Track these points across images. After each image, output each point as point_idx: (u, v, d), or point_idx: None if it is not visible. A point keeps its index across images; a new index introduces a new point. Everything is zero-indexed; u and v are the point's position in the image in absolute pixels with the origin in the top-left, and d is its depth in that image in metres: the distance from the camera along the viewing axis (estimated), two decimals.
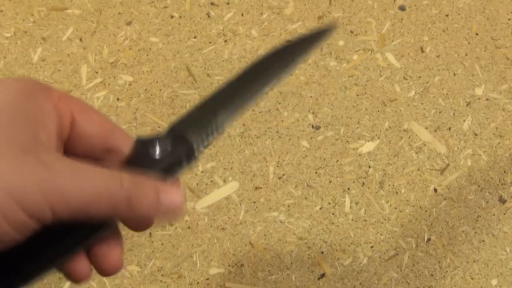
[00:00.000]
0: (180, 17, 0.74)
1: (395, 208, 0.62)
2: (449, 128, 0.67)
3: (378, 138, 0.66)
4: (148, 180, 0.28)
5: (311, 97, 0.68)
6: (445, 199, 0.63)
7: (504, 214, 0.62)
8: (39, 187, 0.24)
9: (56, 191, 0.24)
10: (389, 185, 0.64)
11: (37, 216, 0.24)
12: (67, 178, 0.25)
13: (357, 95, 0.68)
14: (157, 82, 0.69)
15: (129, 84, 0.69)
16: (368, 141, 0.66)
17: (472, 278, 0.59)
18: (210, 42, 0.72)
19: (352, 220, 0.62)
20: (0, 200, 0.23)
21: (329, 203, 0.62)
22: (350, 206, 0.62)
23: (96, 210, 0.26)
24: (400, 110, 0.68)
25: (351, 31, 0.73)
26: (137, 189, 0.27)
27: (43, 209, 0.24)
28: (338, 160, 0.65)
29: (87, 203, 0.25)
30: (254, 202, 0.62)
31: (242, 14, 0.74)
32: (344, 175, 0.64)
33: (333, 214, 0.62)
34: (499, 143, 0.66)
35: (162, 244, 0.61)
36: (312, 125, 0.66)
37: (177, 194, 0.28)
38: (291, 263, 0.60)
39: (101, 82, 0.70)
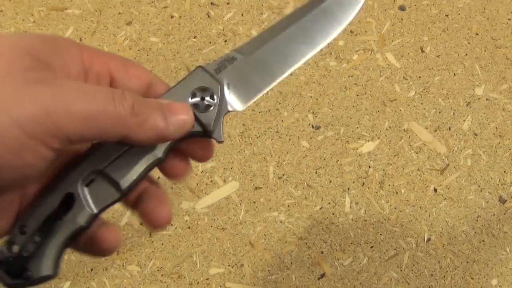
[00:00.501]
0: (180, 17, 0.74)
1: (395, 208, 0.62)
2: (449, 128, 0.67)
3: (378, 138, 0.66)
4: (153, 99, 0.28)
5: (311, 97, 0.68)
6: (445, 199, 0.63)
7: (504, 214, 0.62)
8: (42, 108, 0.23)
9: (60, 110, 0.24)
10: (389, 185, 0.64)
11: (47, 140, 0.24)
12: (70, 96, 0.24)
13: (357, 95, 0.68)
14: None
15: None
16: (368, 141, 0.66)
17: (472, 278, 0.59)
18: (210, 42, 0.72)
19: (352, 220, 0.62)
20: (6, 133, 0.23)
21: (329, 203, 0.62)
22: (350, 206, 0.62)
23: (103, 128, 0.25)
24: (400, 110, 0.68)
25: (351, 31, 0.73)
26: (142, 105, 0.27)
27: (51, 131, 0.24)
28: (338, 160, 0.65)
29: (94, 120, 0.25)
30: (254, 202, 0.62)
31: (242, 14, 0.74)
32: (344, 175, 0.64)
33: (333, 214, 0.62)
34: (499, 143, 0.66)
35: (162, 244, 0.61)
36: (312, 125, 0.66)
37: (182, 110, 0.29)
38: (291, 263, 0.60)
39: None
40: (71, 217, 0.27)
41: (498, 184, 0.64)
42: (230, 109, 0.33)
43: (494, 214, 0.62)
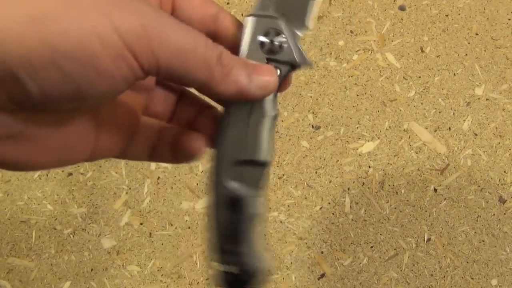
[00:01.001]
0: None
1: (395, 208, 0.62)
2: (449, 128, 0.67)
3: (378, 138, 0.66)
4: (242, 58, 0.29)
5: (311, 97, 0.68)
6: (445, 199, 0.63)
7: (504, 214, 0.62)
8: (142, 24, 0.24)
9: (157, 32, 0.25)
10: (389, 185, 0.63)
11: (139, 57, 0.24)
12: (168, 24, 0.25)
13: (357, 95, 0.68)
14: None
15: None
16: (368, 141, 0.66)
17: (472, 278, 0.59)
18: None
19: (352, 220, 0.62)
20: (107, 39, 0.23)
21: (329, 203, 0.62)
22: (350, 206, 0.62)
23: (189, 67, 0.26)
24: (400, 110, 0.68)
25: (351, 31, 0.73)
26: (229, 57, 0.27)
27: (144, 49, 0.24)
28: (338, 160, 0.65)
29: (183, 55, 0.26)
30: None
31: (242, 14, 0.74)
32: (344, 175, 0.64)
33: (333, 214, 0.62)
34: (499, 143, 0.66)
35: (162, 244, 0.61)
36: (312, 125, 0.66)
37: (267, 71, 0.29)
38: (291, 263, 0.60)
39: None
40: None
41: (498, 184, 0.64)
42: (299, 33, 0.32)
43: (494, 214, 0.62)
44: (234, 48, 0.30)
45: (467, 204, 0.63)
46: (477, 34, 0.73)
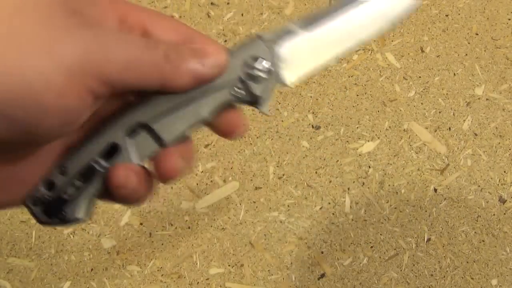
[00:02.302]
0: (180, 17, 0.74)
1: (395, 208, 0.62)
2: (449, 128, 0.67)
3: (378, 138, 0.66)
4: (185, 45, 0.29)
5: (311, 97, 0.68)
6: (445, 199, 0.63)
7: (504, 214, 0.62)
8: (84, 50, 0.24)
9: (102, 53, 0.24)
10: (389, 185, 0.63)
11: (88, 84, 0.24)
12: (110, 41, 0.25)
13: (357, 95, 0.68)
14: None
15: None
16: (368, 141, 0.66)
17: (472, 278, 0.59)
18: None
19: (352, 220, 0.62)
20: (48, 75, 0.23)
21: (329, 203, 0.62)
22: (350, 206, 0.62)
23: (142, 74, 0.26)
24: (400, 110, 0.68)
25: None
26: (175, 51, 0.27)
27: (92, 75, 0.24)
28: (338, 160, 0.65)
29: (132, 66, 0.25)
30: (254, 202, 0.62)
31: (242, 14, 0.74)
32: (344, 175, 0.64)
33: (333, 214, 0.62)
34: (499, 143, 0.66)
35: (162, 244, 0.61)
36: (312, 125, 0.66)
37: (216, 50, 0.29)
38: (291, 263, 0.60)
39: None
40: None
41: (498, 184, 0.64)
42: (281, 82, 0.33)
43: (494, 214, 0.62)
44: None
45: (467, 204, 0.63)
46: (477, 34, 0.73)
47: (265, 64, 0.32)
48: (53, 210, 0.28)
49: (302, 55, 0.34)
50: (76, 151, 0.28)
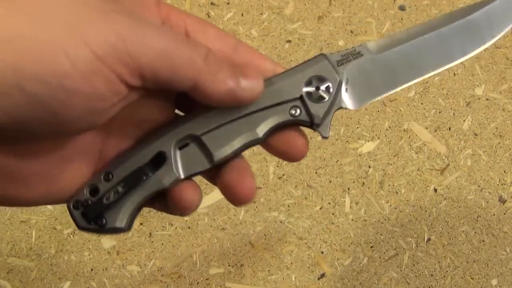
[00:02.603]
0: None
1: (395, 208, 0.62)
2: (449, 128, 0.67)
3: (378, 138, 0.66)
4: (228, 58, 0.28)
5: None
6: (445, 199, 0.63)
7: (504, 214, 0.62)
8: (118, 35, 0.23)
9: (135, 39, 0.23)
10: (389, 185, 0.64)
11: (118, 69, 0.23)
12: (147, 29, 0.24)
13: None
14: None
15: None
16: (368, 141, 0.66)
17: (472, 278, 0.59)
18: None
19: (352, 220, 0.62)
20: (78, 56, 0.22)
21: (329, 203, 0.62)
22: (350, 206, 0.62)
23: (175, 67, 0.25)
24: (400, 110, 0.68)
25: (351, 31, 0.73)
26: (215, 58, 0.26)
27: (123, 60, 0.23)
28: (338, 160, 0.65)
29: (167, 56, 0.24)
30: (254, 202, 0.62)
31: (242, 14, 0.74)
32: (344, 175, 0.64)
33: (333, 214, 0.62)
34: (499, 143, 0.66)
35: (162, 244, 0.61)
36: None
37: (254, 74, 0.28)
38: (291, 263, 0.60)
39: None
40: (157, 177, 0.27)
41: (498, 184, 0.64)
42: (343, 106, 0.31)
43: (494, 214, 0.62)
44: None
45: (467, 204, 0.63)
46: None
47: (329, 85, 0.30)
48: (93, 216, 0.27)
49: (369, 80, 0.32)
50: (123, 158, 0.28)
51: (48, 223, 0.62)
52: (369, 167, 0.64)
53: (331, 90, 0.30)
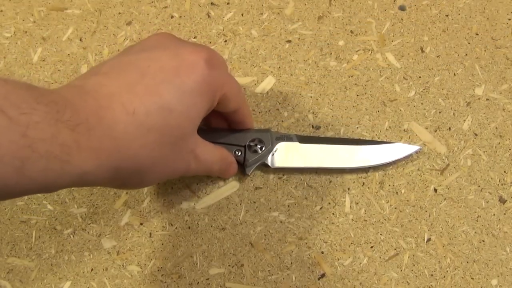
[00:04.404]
0: (180, 17, 0.74)
1: (395, 208, 0.62)
2: (449, 128, 0.67)
3: (378, 138, 0.66)
4: (233, 158, 0.56)
5: (311, 97, 0.68)
6: (445, 199, 0.63)
7: (504, 214, 0.62)
8: (186, 169, 0.48)
9: (195, 157, 0.48)
10: (389, 185, 0.64)
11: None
12: (204, 149, 0.49)
13: (357, 95, 0.68)
14: None
15: None
16: None
17: (472, 278, 0.59)
18: (210, 42, 0.72)
19: (352, 220, 0.62)
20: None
21: (329, 203, 0.62)
22: (350, 206, 0.62)
23: (213, 170, 0.53)
24: (400, 110, 0.68)
25: (351, 31, 0.73)
26: (232, 162, 0.56)
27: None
28: None
29: (210, 165, 0.51)
30: (254, 202, 0.62)
31: (242, 14, 0.74)
32: (344, 175, 0.63)
33: (333, 214, 0.62)
34: (499, 143, 0.66)
35: (162, 244, 0.61)
36: (312, 125, 0.66)
37: (233, 170, 0.58)
38: (291, 263, 0.60)
39: None
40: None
41: (498, 184, 0.64)
42: (265, 162, 0.58)
43: (494, 214, 0.62)
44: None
45: (467, 204, 0.63)
46: (477, 34, 0.73)
47: (263, 147, 0.56)
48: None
49: (289, 156, 0.57)
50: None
51: (48, 223, 0.62)
52: (369, 167, 0.65)
53: (263, 149, 0.56)
